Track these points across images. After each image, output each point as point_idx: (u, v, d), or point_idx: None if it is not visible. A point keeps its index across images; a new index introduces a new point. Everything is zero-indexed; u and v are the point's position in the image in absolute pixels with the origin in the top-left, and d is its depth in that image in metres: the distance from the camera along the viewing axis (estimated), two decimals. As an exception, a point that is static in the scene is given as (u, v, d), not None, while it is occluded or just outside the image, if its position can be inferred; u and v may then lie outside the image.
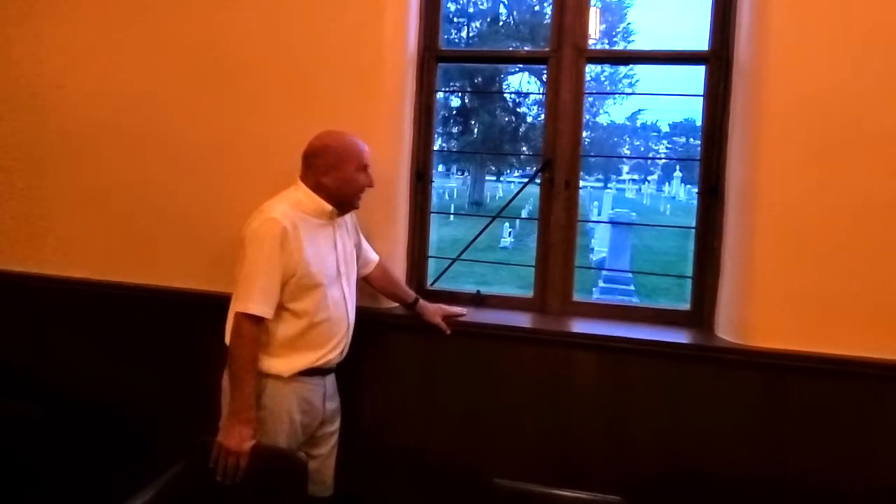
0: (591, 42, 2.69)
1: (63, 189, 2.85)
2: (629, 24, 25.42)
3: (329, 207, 2.17)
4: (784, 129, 2.26)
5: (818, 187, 2.24)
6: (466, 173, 26.81)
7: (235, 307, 2.05)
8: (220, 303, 2.16)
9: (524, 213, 15.44)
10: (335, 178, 2.15)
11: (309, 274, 2.09)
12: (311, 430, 2.24)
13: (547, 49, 2.69)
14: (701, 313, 2.56)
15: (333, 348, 2.20)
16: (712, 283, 2.51)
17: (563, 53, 2.64)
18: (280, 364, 2.11)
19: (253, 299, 2.02)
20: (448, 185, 28.47)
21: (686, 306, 2.62)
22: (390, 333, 2.59)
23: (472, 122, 23.38)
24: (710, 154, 2.54)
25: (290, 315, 2.11)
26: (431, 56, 2.76)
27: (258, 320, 2.04)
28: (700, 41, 2.59)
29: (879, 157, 2.19)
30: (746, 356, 2.29)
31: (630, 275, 10.37)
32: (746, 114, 2.35)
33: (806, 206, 2.25)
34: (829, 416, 2.26)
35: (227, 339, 2.09)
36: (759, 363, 2.28)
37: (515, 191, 2.78)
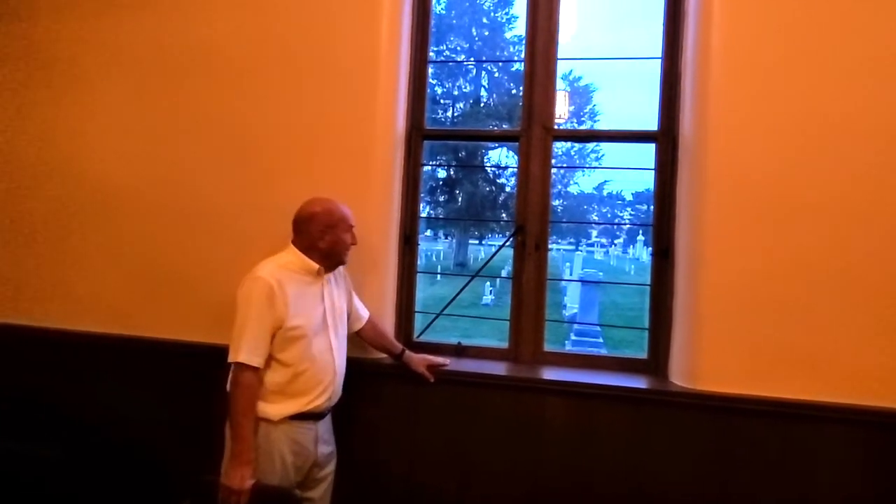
0: (561, 121, 2.79)
1: (85, 250, 2.88)
2: (595, 105, 26.15)
3: (317, 266, 2.21)
4: (724, 198, 2.34)
5: (755, 249, 2.31)
6: (452, 237, 27.00)
7: (229, 358, 2.08)
8: (224, 354, 2.16)
9: (503, 273, 15.50)
10: (328, 241, 2.21)
11: (294, 326, 2.11)
12: (303, 472, 2.22)
13: (519, 129, 2.79)
14: (657, 361, 2.59)
15: (320, 394, 2.19)
16: (666, 335, 2.56)
17: (533, 133, 2.74)
18: (270, 409, 2.11)
19: (243, 350, 2.05)
20: (436, 247, 28.59)
21: (644, 355, 2.65)
22: (380, 382, 2.59)
23: (457, 192, 23.65)
24: (661, 221, 2.62)
25: (278, 364, 2.13)
26: (418, 134, 2.85)
27: (252, 369, 2.06)
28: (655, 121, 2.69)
29: (807, 222, 2.29)
30: (696, 399, 2.33)
31: (599, 328, 10.39)
32: (691, 185, 2.44)
33: (745, 266, 2.32)
34: (770, 452, 2.29)
35: (228, 388, 2.11)
36: (708, 405, 2.32)
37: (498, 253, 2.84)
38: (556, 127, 2.80)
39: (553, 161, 2.74)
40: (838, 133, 2.28)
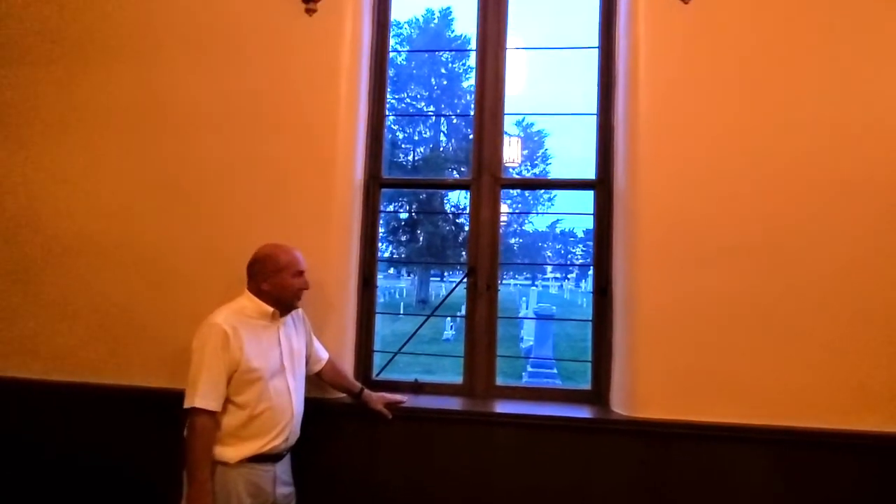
0: (514, 165, 2.87)
1: (34, 298, 2.79)
2: (546, 149, 26.82)
3: (271, 310, 2.21)
4: (654, 241, 2.47)
5: (682, 288, 2.44)
6: (413, 275, 27.03)
7: (185, 404, 2.05)
8: (178, 399, 2.11)
9: (462, 310, 15.60)
10: (273, 284, 2.20)
11: (250, 369, 2.09)
12: None
13: (470, 178, 2.88)
14: (599, 391, 2.67)
15: (277, 436, 2.16)
16: (606, 367, 2.65)
17: (483, 181, 2.84)
18: (227, 452, 2.08)
19: (198, 395, 2.02)
20: (398, 285, 28.55)
21: (588, 386, 2.73)
22: (339, 420, 2.59)
23: (418, 231, 23.80)
24: (600, 261, 2.73)
25: (234, 407, 2.10)
26: (375, 183, 2.91)
27: (208, 414, 2.03)
28: (595, 170, 2.76)
29: (727, 263, 2.43)
30: (633, 425, 2.42)
31: (553, 360, 10.47)
32: (626, 230, 2.56)
33: (676, 304, 2.44)
34: (697, 471, 2.39)
35: (185, 434, 2.08)
36: (643, 430, 2.41)
37: (457, 290, 2.90)
38: (505, 175, 2.90)
39: (507, 203, 2.83)
40: (754, 183, 2.44)
